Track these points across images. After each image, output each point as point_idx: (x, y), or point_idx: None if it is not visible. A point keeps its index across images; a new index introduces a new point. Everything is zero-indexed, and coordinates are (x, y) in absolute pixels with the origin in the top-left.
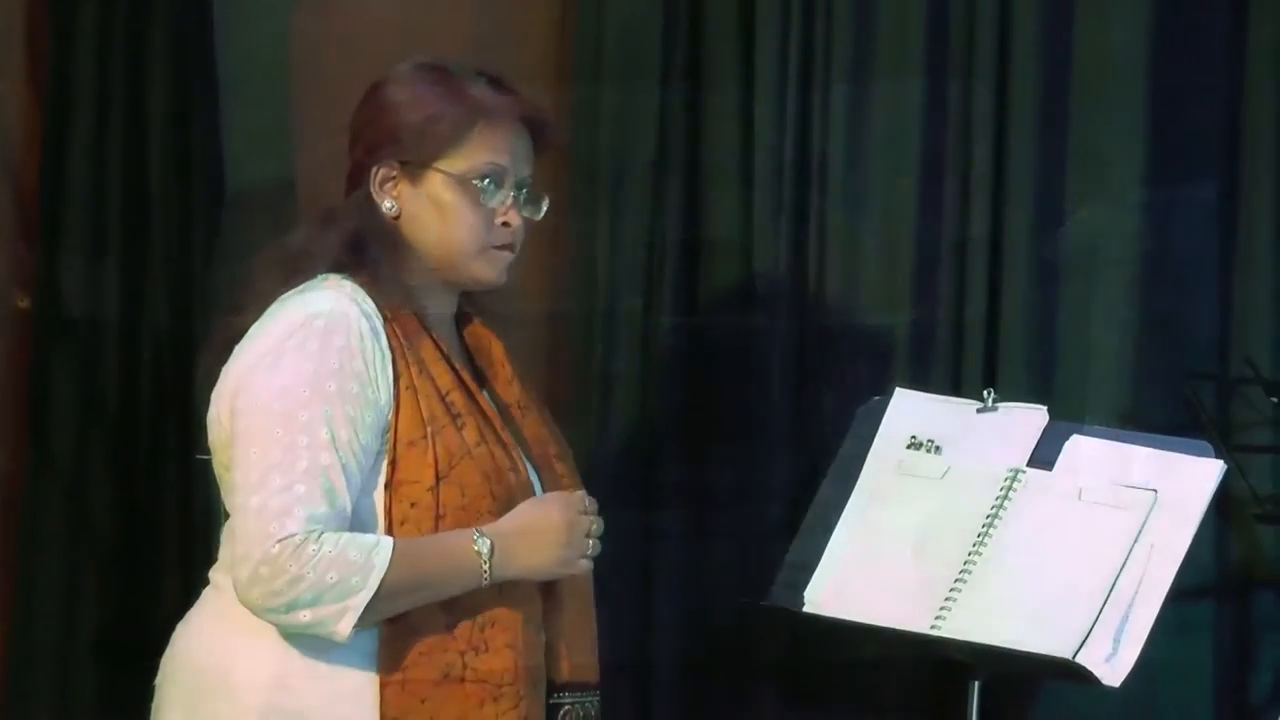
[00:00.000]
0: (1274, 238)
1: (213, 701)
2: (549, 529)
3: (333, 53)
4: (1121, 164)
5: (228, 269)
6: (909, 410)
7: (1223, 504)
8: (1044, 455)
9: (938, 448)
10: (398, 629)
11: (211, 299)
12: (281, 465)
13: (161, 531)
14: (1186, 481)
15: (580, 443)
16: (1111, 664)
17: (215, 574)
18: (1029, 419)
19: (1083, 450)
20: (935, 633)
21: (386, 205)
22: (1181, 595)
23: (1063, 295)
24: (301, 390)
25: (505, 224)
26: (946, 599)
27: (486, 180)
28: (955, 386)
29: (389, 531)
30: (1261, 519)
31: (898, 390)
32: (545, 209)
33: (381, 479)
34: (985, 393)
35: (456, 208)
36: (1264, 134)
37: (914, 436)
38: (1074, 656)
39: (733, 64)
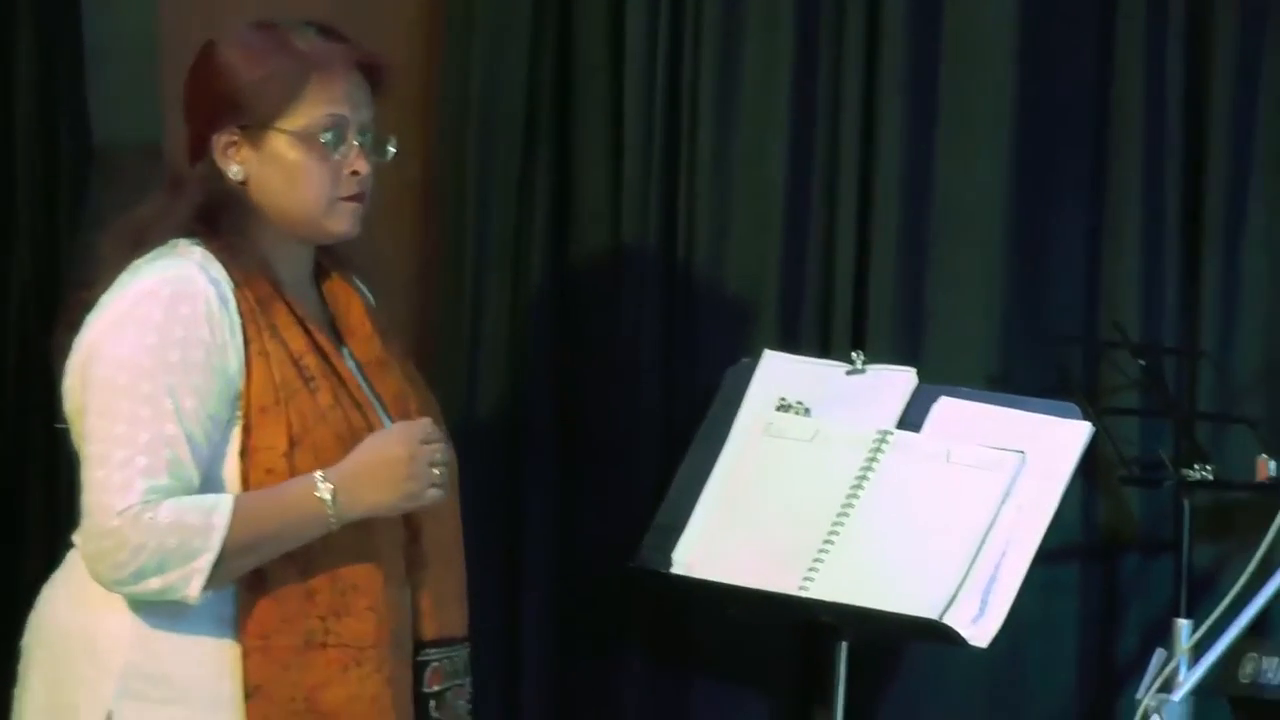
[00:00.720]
0: (1142, 203)
1: (78, 663)
2: (391, 462)
3: (201, 18)
4: (991, 130)
5: (93, 236)
6: (778, 372)
7: (1089, 466)
8: (912, 417)
9: (807, 410)
10: (256, 595)
11: (77, 267)
12: (124, 439)
13: (26, 496)
14: (1054, 443)
15: (448, 403)
16: (979, 624)
17: (78, 538)
18: (898, 381)
19: (951, 412)
20: (803, 594)
21: (232, 171)
22: (1048, 556)
23: (931, 259)
24: (144, 361)
25: (354, 173)
26: (815, 560)
27: (329, 133)
28: (824, 349)
29: None
30: (1127, 481)
31: (766, 352)
32: (393, 151)
33: (235, 447)
34: (854, 355)
35: (302, 165)
36: (1133, 100)
37: (783, 398)
38: (941, 617)
39: (604, 26)
